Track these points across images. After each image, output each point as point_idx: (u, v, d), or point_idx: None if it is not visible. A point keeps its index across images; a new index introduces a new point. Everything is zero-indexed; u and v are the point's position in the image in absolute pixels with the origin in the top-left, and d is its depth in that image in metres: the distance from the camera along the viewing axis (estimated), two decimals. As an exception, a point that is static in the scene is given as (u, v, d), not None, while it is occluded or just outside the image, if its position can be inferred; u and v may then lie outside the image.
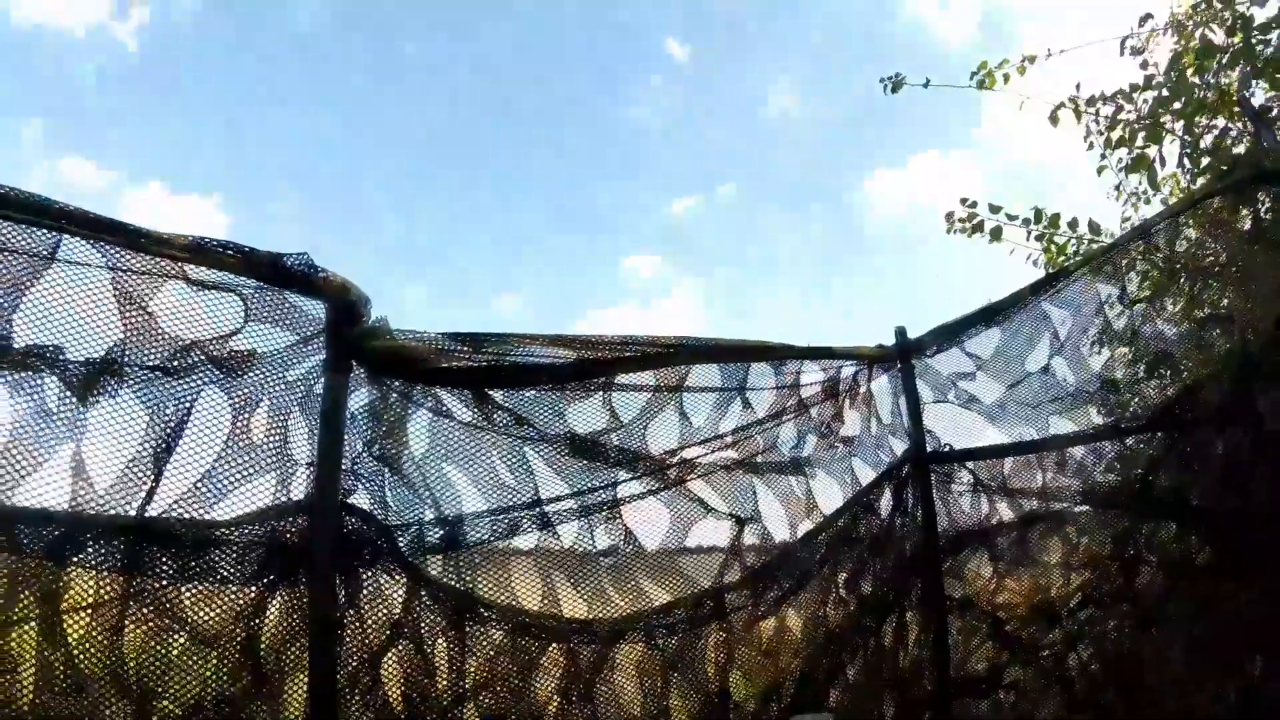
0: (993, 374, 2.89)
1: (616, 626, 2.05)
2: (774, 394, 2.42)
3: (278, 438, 1.74)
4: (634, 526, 2.10)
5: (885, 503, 2.64)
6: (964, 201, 4.66)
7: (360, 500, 1.81)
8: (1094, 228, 4.83)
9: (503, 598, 1.93)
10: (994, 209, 4.67)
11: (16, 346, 1.58)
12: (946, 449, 2.81)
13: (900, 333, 2.88)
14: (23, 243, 1.56)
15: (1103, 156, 4.98)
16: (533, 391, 1.96)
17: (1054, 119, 4.75)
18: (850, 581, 2.52)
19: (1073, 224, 4.81)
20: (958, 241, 5.00)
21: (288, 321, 1.76)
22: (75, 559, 1.59)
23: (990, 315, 2.92)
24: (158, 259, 1.62)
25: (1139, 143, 4.62)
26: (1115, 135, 4.69)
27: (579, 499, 2.02)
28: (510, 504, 1.93)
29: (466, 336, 1.85)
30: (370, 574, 1.82)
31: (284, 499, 1.74)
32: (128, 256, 1.61)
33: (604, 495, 2.08)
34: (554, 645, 1.98)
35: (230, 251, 1.63)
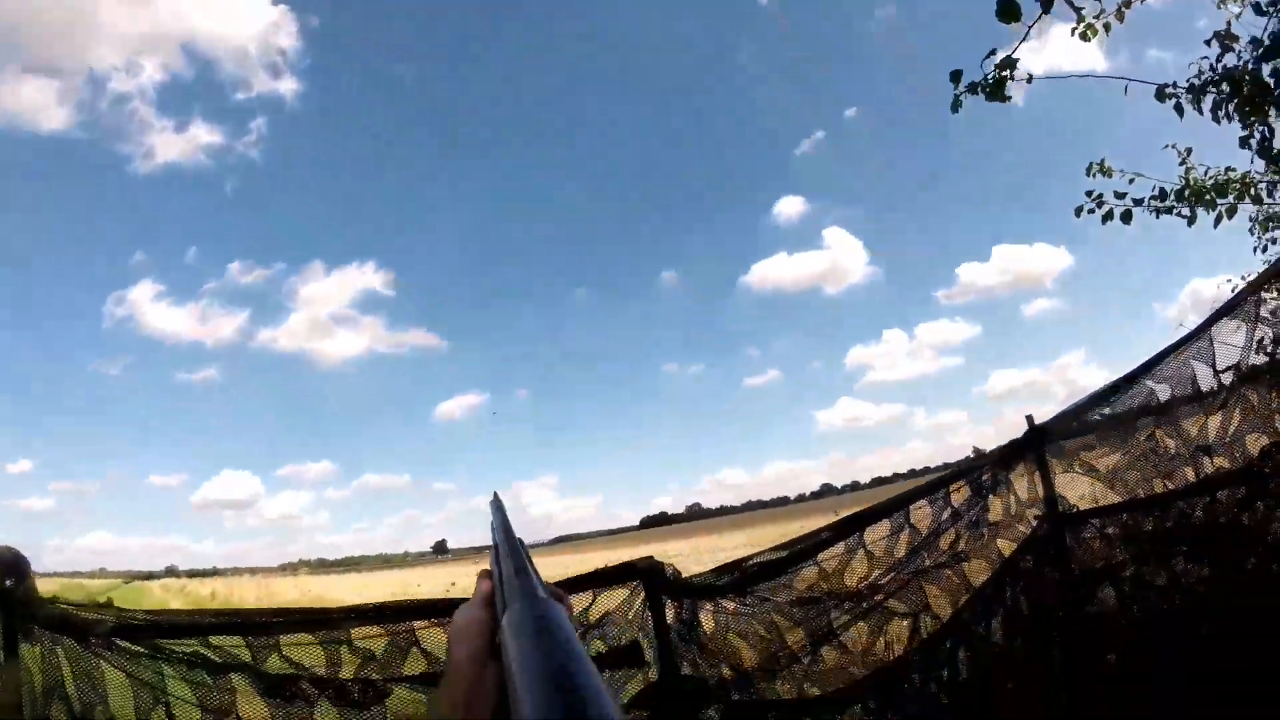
0: (1110, 445, 3.62)
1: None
2: (931, 518, 3.34)
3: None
4: (844, 639, 3.19)
5: (1025, 563, 3.55)
6: (1089, 194, 4.96)
7: (683, 664, 3.02)
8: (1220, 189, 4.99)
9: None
10: (1119, 195, 4.95)
11: None
12: (1075, 511, 3.62)
13: (1030, 421, 3.63)
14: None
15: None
16: (767, 582, 3.04)
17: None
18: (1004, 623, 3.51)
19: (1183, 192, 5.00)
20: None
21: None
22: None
23: (1109, 394, 3.61)
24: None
25: None
26: None
27: (809, 635, 3.13)
28: (772, 651, 3.08)
29: (731, 566, 2.95)
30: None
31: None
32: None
33: (821, 624, 3.18)
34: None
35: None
